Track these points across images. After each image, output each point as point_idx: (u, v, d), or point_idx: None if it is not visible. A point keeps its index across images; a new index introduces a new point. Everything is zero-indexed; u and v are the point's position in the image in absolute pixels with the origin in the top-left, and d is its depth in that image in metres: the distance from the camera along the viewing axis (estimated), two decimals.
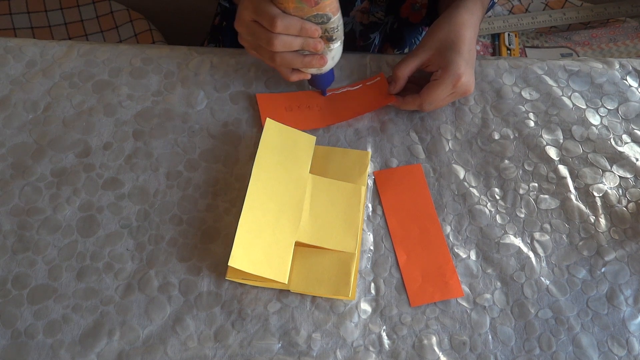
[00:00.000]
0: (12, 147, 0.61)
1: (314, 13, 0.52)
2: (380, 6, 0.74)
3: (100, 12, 1.13)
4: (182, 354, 0.51)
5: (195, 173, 0.60)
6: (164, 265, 0.55)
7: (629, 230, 0.59)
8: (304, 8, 0.52)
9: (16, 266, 0.55)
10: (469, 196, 0.60)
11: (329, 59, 0.58)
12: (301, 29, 0.53)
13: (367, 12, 0.75)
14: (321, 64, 0.57)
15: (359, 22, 0.77)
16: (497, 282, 0.56)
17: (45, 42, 0.68)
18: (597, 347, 0.53)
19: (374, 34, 0.79)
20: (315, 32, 0.54)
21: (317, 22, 0.53)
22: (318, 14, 0.53)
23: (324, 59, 0.57)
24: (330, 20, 0.54)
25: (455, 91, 0.60)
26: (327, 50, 0.57)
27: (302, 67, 0.57)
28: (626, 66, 0.69)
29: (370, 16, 0.76)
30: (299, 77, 0.60)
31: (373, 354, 0.52)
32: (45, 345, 0.51)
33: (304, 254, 0.55)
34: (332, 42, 0.56)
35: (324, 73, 0.60)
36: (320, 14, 0.53)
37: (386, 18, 0.77)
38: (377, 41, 0.81)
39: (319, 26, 0.54)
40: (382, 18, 0.76)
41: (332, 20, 0.54)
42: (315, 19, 0.53)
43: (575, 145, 0.63)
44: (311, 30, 0.53)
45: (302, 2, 0.51)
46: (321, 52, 0.57)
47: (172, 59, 0.67)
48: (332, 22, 0.54)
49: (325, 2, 0.52)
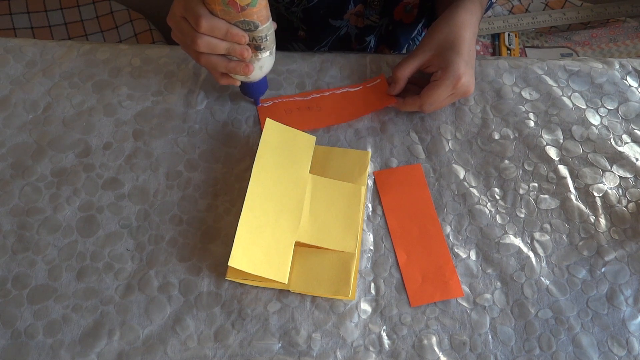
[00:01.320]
0: (12, 147, 0.61)
1: (241, 19, 0.51)
2: (375, 9, 0.74)
3: (100, 12, 1.13)
4: (182, 354, 0.51)
5: (195, 173, 0.60)
6: (164, 265, 0.55)
7: (629, 230, 0.59)
8: (230, 12, 0.51)
9: (16, 266, 0.55)
10: (469, 196, 0.60)
11: (255, 68, 0.56)
12: (227, 33, 0.52)
13: (361, 15, 0.75)
14: (246, 72, 0.56)
15: (354, 26, 0.77)
16: (497, 282, 0.56)
17: (45, 42, 0.68)
18: (597, 347, 0.53)
19: (369, 37, 0.79)
20: (241, 39, 0.53)
21: (244, 28, 0.52)
22: (245, 20, 0.51)
23: (249, 67, 0.56)
24: (257, 28, 0.52)
25: (455, 92, 0.60)
26: (254, 59, 0.56)
27: (227, 71, 0.56)
28: (626, 66, 0.69)
29: (365, 19, 0.76)
30: (228, 82, 0.58)
31: (373, 354, 0.52)
32: (45, 345, 0.51)
33: (304, 254, 0.55)
34: (260, 52, 0.55)
35: (253, 82, 0.59)
36: (247, 20, 0.51)
37: (381, 21, 0.77)
38: (372, 44, 0.81)
39: (246, 33, 0.53)
40: (376, 21, 0.76)
41: (260, 28, 0.53)
42: (242, 25, 0.52)
43: (575, 145, 0.63)
44: (237, 35, 0.52)
45: (229, 6, 0.50)
46: (248, 60, 0.55)
47: (172, 59, 0.67)
48: (260, 31, 0.53)
49: (253, 9, 0.51)
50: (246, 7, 0.50)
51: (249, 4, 0.50)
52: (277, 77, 0.66)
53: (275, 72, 0.66)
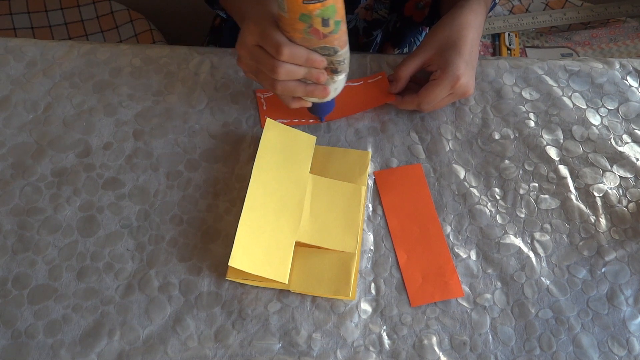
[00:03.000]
0: (13, 147, 0.61)
1: (322, 45, 0.51)
2: (385, 3, 0.74)
3: (101, 12, 1.13)
4: (183, 354, 0.51)
5: (196, 173, 0.60)
6: (164, 265, 0.55)
7: (629, 230, 0.58)
8: (311, 39, 0.50)
9: (16, 266, 0.55)
10: (469, 196, 0.60)
11: (331, 90, 0.56)
12: (307, 59, 0.52)
13: (371, 9, 0.75)
14: (323, 95, 0.56)
15: (363, 19, 0.77)
16: (498, 282, 0.56)
17: (45, 42, 0.68)
18: (597, 347, 0.53)
19: (376, 31, 0.79)
20: (320, 64, 0.53)
21: (323, 53, 0.52)
22: (325, 46, 0.51)
23: (326, 90, 0.56)
24: (337, 53, 0.52)
25: (454, 92, 0.60)
26: (330, 82, 0.56)
27: (304, 95, 0.56)
28: (626, 66, 0.69)
29: (374, 13, 0.75)
30: (300, 105, 0.58)
31: (373, 354, 0.52)
32: (46, 345, 0.51)
33: (304, 254, 0.55)
34: (337, 74, 0.55)
35: (325, 102, 0.59)
36: (327, 46, 0.51)
37: (389, 16, 0.77)
38: (378, 39, 0.81)
39: (325, 57, 0.53)
40: (385, 16, 0.76)
41: (339, 53, 0.53)
42: (322, 51, 0.52)
43: (576, 145, 0.63)
44: (317, 61, 0.52)
45: (310, 34, 0.50)
46: (324, 83, 0.55)
47: (172, 59, 0.67)
48: (339, 55, 0.53)
49: (334, 36, 0.51)
50: (328, 35, 0.50)
51: (331, 32, 0.50)
52: None
53: None
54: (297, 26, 0.49)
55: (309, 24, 0.49)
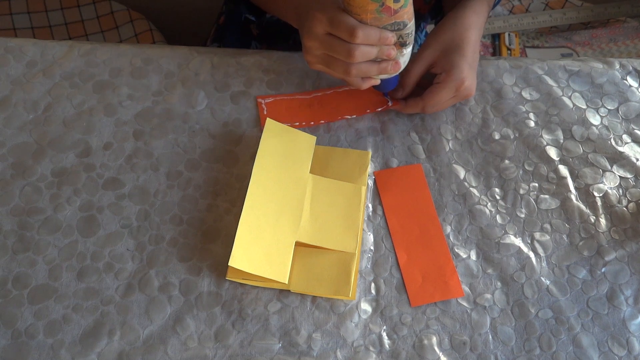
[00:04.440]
0: (13, 147, 0.61)
1: (392, 21, 0.52)
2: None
3: (101, 12, 1.13)
4: (183, 354, 0.51)
5: (196, 173, 0.60)
6: (164, 265, 0.55)
7: (629, 230, 0.59)
8: (382, 18, 0.51)
9: (16, 266, 0.55)
10: (469, 196, 0.60)
11: (402, 64, 0.57)
12: (380, 38, 0.52)
13: None
14: (396, 69, 0.56)
15: None
16: (498, 282, 0.56)
17: (45, 42, 0.68)
18: (597, 347, 0.53)
19: None
20: (391, 40, 0.53)
21: (393, 29, 0.53)
22: (395, 22, 0.52)
23: (398, 64, 0.56)
24: (406, 26, 0.53)
25: (457, 94, 0.60)
26: (399, 55, 0.56)
27: (378, 74, 0.56)
28: (626, 66, 0.69)
29: None
30: (370, 84, 0.58)
31: (373, 354, 0.52)
32: (46, 345, 0.51)
33: (304, 254, 0.55)
34: (405, 47, 0.56)
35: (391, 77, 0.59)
36: (397, 21, 0.52)
37: None
38: None
39: (394, 33, 0.53)
40: None
41: (408, 26, 0.53)
42: (391, 27, 0.52)
43: (576, 145, 0.63)
44: (389, 38, 0.53)
45: (382, 12, 0.50)
46: (395, 57, 0.56)
47: (172, 59, 0.67)
48: (407, 28, 0.53)
49: (404, 10, 0.51)
50: (399, 10, 0.51)
51: (402, 6, 0.51)
52: (277, 77, 0.66)
53: (275, 72, 0.66)
54: (370, 7, 0.50)
55: (381, 3, 0.49)
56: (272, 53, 0.68)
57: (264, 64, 0.67)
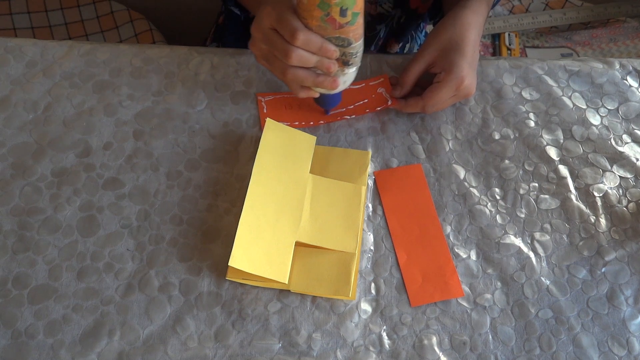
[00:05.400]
0: (13, 147, 0.61)
1: (336, 35, 0.51)
2: None
3: (101, 12, 1.13)
4: (183, 354, 0.51)
5: (196, 173, 0.60)
6: (164, 265, 0.55)
7: (629, 230, 0.59)
8: (327, 28, 0.50)
9: (16, 266, 0.55)
10: (469, 196, 0.60)
11: (340, 83, 0.56)
12: (321, 47, 0.52)
13: (375, 2, 0.74)
14: (332, 86, 0.56)
15: (367, 13, 0.76)
16: (498, 282, 0.56)
17: (45, 42, 0.68)
18: (597, 347, 0.53)
19: (380, 25, 0.79)
20: (333, 54, 0.52)
21: (337, 44, 0.52)
22: (340, 37, 0.51)
23: (336, 82, 0.55)
24: (350, 45, 0.52)
25: (457, 94, 0.60)
26: (340, 73, 0.56)
27: (313, 85, 0.56)
28: (626, 66, 0.69)
29: (379, 7, 0.75)
30: (308, 94, 0.58)
31: (373, 354, 0.52)
32: (46, 345, 0.51)
33: (304, 254, 0.55)
34: (348, 67, 0.55)
35: (332, 94, 0.59)
36: (342, 37, 0.51)
37: (394, 11, 0.77)
38: (382, 34, 0.81)
39: (338, 48, 0.53)
40: (390, 10, 0.76)
41: (353, 45, 0.53)
42: (336, 41, 0.52)
43: (576, 145, 0.63)
44: (330, 51, 0.52)
45: (327, 22, 0.50)
46: (334, 74, 0.55)
47: (172, 59, 0.67)
48: (353, 48, 0.53)
49: (350, 27, 0.51)
50: (344, 25, 0.50)
51: (348, 23, 0.50)
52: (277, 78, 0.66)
53: None
54: (315, 13, 0.49)
55: (326, 12, 0.49)
56: None
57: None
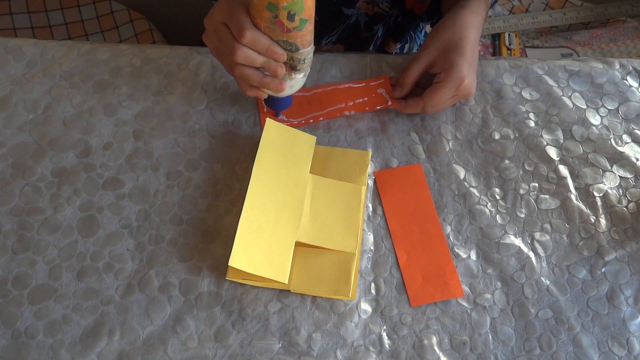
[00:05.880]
0: (13, 147, 0.61)
1: (284, 39, 0.51)
2: None
3: (101, 12, 1.13)
4: (183, 354, 0.51)
5: (196, 173, 0.60)
6: (164, 265, 0.55)
7: (629, 230, 0.59)
8: (275, 30, 0.51)
9: (16, 266, 0.55)
10: (469, 196, 0.60)
11: (287, 87, 0.56)
12: (268, 49, 0.52)
13: (372, 2, 0.75)
14: (278, 89, 0.56)
15: (364, 14, 0.77)
16: (498, 282, 0.56)
17: (45, 42, 0.68)
18: (597, 347, 0.53)
19: (377, 25, 0.79)
20: (280, 57, 0.53)
21: (285, 47, 0.52)
22: (288, 41, 0.51)
23: (282, 85, 0.55)
24: (298, 50, 0.52)
25: (457, 94, 0.60)
26: (287, 77, 0.55)
27: (260, 85, 0.56)
28: (626, 66, 0.69)
29: (375, 7, 0.75)
30: (255, 94, 0.58)
31: (373, 354, 0.52)
32: (46, 345, 0.51)
33: (304, 254, 0.55)
34: (295, 72, 0.55)
35: (280, 97, 0.59)
36: (290, 41, 0.51)
37: (391, 10, 0.77)
38: (380, 34, 0.81)
39: (286, 52, 0.53)
40: (386, 10, 0.76)
41: (301, 51, 0.53)
42: (284, 45, 0.52)
43: (576, 145, 0.63)
44: (277, 53, 0.52)
45: (275, 24, 0.50)
46: (281, 77, 0.55)
47: (172, 59, 0.67)
48: (300, 54, 0.53)
49: (298, 32, 0.51)
50: (292, 30, 0.50)
51: (295, 28, 0.50)
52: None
53: None
54: (264, 14, 0.49)
55: (274, 14, 0.49)
56: None
57: None
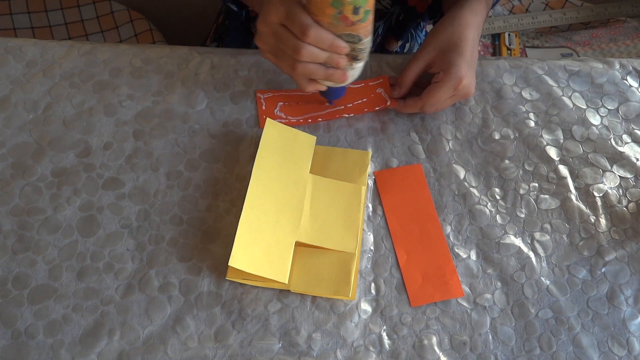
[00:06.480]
0: (13, 147, 0.61)
1: (347, 32, 0.51)
2: None
3: (101, 12, 1.13)
4: (183, 354, 0.51)
5: (196, 173, 0.60)
6: (164, 265, 0.55)
7: (629, 230, 0.59)
8: (338, 25, 0.51)
9: (16, 266, 0.55)
10: (469, 196, 0.60)
11: (349, 76, 0.57)
12: (331, 44, 0.52)
13: None
14: (342, 80, 0.56)
15: None
16: (498, 282, 0.56)
17: (45, 42, 0.68)
18: (597, 347, 0.53)
19: (378, 22, 0.79)
20: (343, 50, 0.53)
21: (347, 40, 0.52)
22: (351, 34, 0.52)
23: (345, 75, 0.56)
24: (361, 41, 0.53)
25: (456, 94, 0.60)
26: (349, 68, 0.56)
27: (323, 79, 0.56)
28: (626, 66, 0.69)
29: (377, 3, 0.75)
30: (315, 88, 0.58)
31: (373, 354, 0.52)
32: (46, 345, 0.51)
33: (304, 254, 0.55)
34: (356, 62, 0.55)
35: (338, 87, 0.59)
36: (353, 34, 0.52)
37: (392, 8, 0.77)
38: (380, 31, 0.81)
39: (348, 44, 0.53)
40: (388, 7, 0.76)
41: (363, 41, 0.53)
42: (346, 37, 0.52)
43: (576, 145, 0.63)
44: (340, 47, 0.52)
45: (339, 20, 0.50)
46: (343, 68, 0.55)
47: (172, 59, 0.67)
48: (362, 44, 0.53)
49: (361, 24, 0.51)
50: (356, 23, 0.50)
51: (360, 20, 0.50)
52: (277, 77, 0.66)
53: (275, 72, 0.66)
54: (328, 11, 0.49)
55: (339, 10, 0.49)
56: None
57: (264, 64, 0.67)
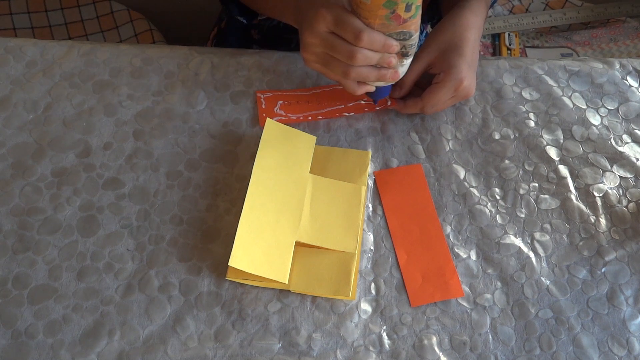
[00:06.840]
0: (13, 147, 0.61)
1: (399, 30, 0.51)
2: None
3: (101, 12, 1.13)
4: (183, 354, 0.51)
5: (196, 173, 0.60)
6: (164, 265, 0.55)
7: (629, 230, 0.59)
8: (390, 25, 0.51)
9: (16, 266, 0.55)
10: (469, 196, 0.60)
11: (400, 74, 0.57)
12: (384, 45, 0.52)
13: None
14: (394, 78, 0.56)
15: None
16: (498, 282, 0.56)
17: (45, 42, 0.68)
18: (597, 347, 0.53)
19: None
20: (394, 49, 0.53)
21: (398, 38, 0.52)
22: (402, 31, 0.52)
23: (397, 73, 0.56)
24: (411, 37, 0.53)
25: (457, 94, 0.60)
26: (399, 65, 0.56)
27: (376, 80, 0.56)
28: (626, 66, 0.69)
29: None
30: (365, 90, 0.58)
31: (373, 354, 0.52)
32: (46, 345, 0.51)
33: (304, 254, 0.55)
34: (406, 58, 0.55)
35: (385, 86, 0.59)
36: (404, 31, 0.52)
37: None
38: None
39: (398, 42, 0.53)
40: None
41: (413, 37, 0.53)
42: (397, 36, 0.52)
43: (576, 145, 0.63)
44: (392, 46, 0.52)
45: (391, 20, 0.50)
46: (395, 66, 0.55)
47: (172, 59, 0.67)
48: (412, 39, 0.53)
49: (413, 20, 0.51)
50: (408, 20, 0.50)
51: (411, 17, 0.50)
52: (277, 77, 0.66)
53: (275, 73, 0.66)
54: (380, 12, 0.49)
55: (392, 10, 0.49)
56: (272, 53, 0.68)
57: (264, 64, 0.67)
